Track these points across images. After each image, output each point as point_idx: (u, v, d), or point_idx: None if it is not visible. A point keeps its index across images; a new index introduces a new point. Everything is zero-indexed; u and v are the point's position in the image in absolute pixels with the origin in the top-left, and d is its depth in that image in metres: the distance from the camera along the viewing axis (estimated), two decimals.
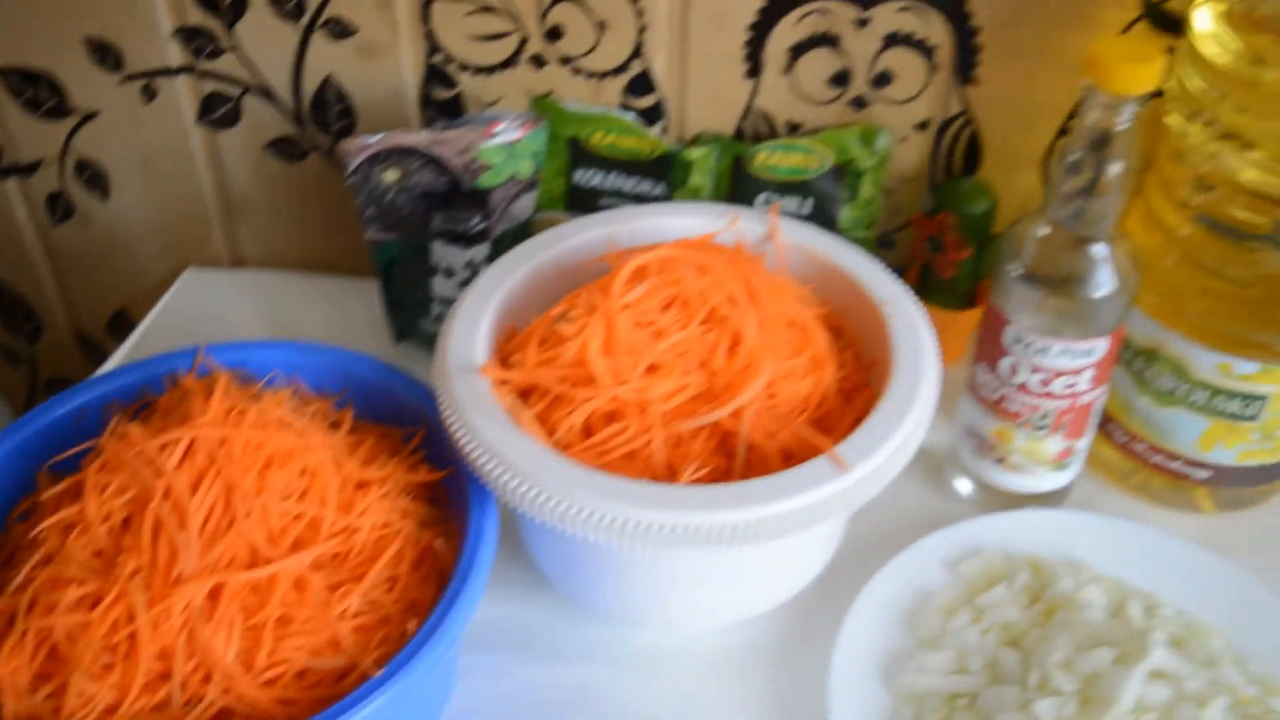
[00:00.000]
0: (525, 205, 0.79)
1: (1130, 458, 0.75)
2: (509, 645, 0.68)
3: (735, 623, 0.68)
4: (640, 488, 0.57)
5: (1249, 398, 0.69)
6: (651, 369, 0.62)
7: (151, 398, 0.67)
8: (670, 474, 0.61)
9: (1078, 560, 0.70)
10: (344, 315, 0.88)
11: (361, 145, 0.74)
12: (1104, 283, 0.64)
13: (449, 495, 0.65)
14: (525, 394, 0.64)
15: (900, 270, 0.84)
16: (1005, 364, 0.68)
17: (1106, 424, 0.75)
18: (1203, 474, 0.73)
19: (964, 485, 0.75)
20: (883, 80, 0.76)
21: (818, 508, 0.57)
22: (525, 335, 0.65)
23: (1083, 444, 0.72)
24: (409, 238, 0.78)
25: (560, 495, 0.56)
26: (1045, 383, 0.67)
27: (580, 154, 0.81)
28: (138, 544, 0.56)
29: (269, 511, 0.58)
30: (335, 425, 0.67)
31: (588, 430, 0.62)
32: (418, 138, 0.74)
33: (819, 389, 0.64)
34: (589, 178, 0.81)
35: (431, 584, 0.61)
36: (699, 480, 0.60)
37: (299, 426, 0.62)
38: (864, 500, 0.59)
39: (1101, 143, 0.61)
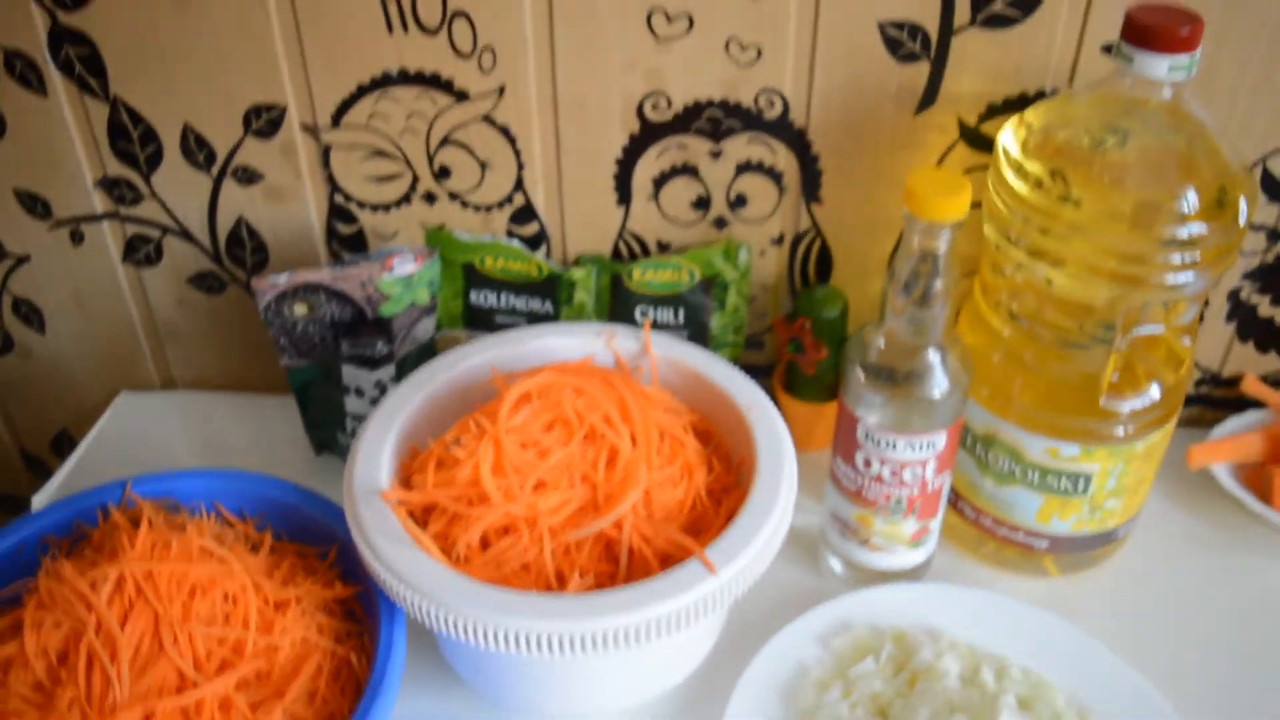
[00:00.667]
0: (426, 327, 0.82)
1: (980, 530, 0.79)
2: None
3: (631, 708, 0.71)
4: (530, 600, 0.60)
5: (1076, 476, 0.73)
6: (539, 485, 0.65)
7: (85, 529, 0.70)
8: (560, 581, 0.64)
9: (937, 629, 0.74)
10: (269, 431, 0.90)
11: (271, 284, 0.77)
12: (939, 383, 0.69)
13: (363, 608, 0.68)
14: (427, 511, 0.67)
15: (769, 369, 0.89)
16: (859, 457, 0.72)
17: (957, 502, 0.80)
18: (1043, 543, 0.77)
19: (835, 563, 0.79)
20: (739, 202, 0.81)
21: (691, 608, 0.60)
22: (424, 458, 0.68)
23: (935, 523, 0.76)
24: (321, 362, 0.81)
25: (459, 611, 0.59)
26: (895, 473, 0.72)
27: (475, 277, 0.84)
28: (74, 677, 0.59)
29: (195, 638, 0.61)
30: (255, 548, 0.70)
31: (485, 544, 0.65)
32: (322, 274, 0.77)
33: (691, 493, 0.67)
34: (484, 298, 0.85)
35: (349, 695, 0.64)
36: (586, 587, 0.63)
37: (220, 554, 0.65)
38: (733, 598, 0.62)
39: (924, 262, 0.66)
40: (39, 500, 0.86)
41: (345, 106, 0.79)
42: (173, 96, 0.79)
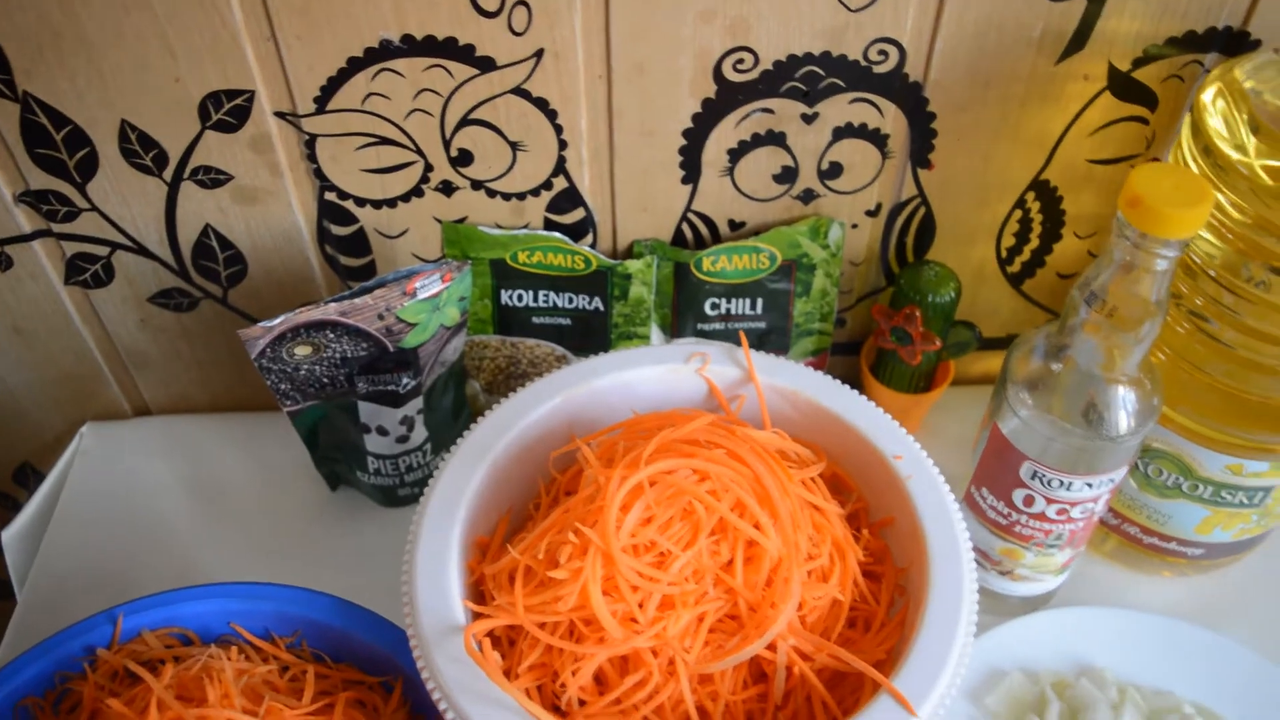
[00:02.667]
0: (456, 346, 0.59)
1: (1126, 540, 0.60)
2: None
3: None
4: None
5: (1255, 490, 0.54)
6: (664, 604, 0.44)
7: (70, 683, 0.47)
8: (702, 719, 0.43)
9: (1093, 668, 0.56)
10: (265, 456, 0.67)
11: (264, 329, 0.52)
12: (1130, 418, 0.48)
13: None
14: (513, 629, 0.45)
15: (852, 347, 0.67)
16: (1019, 495, 0.52)
17: None
18: (1198, 551, 0.59)
19: None
20: (833, 172, 0.58)
21: None
22: (503, 569, 0.46)
23: (1084, 547, 0.56)
24: (331, 399, 0.57)
25: None
26: (1062, 512, 0.52)
27: (507, 274, 0.60)
28: None
29: None
30: (294, 682, 0.47)
31: (600, 683, 0.44)
32: (327, 311, 0.52)
33: (847, 585, 0.46)
34: (518, 297, 0.61)
35: None
36: None
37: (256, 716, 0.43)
38: None
39: (1134, 281, 0.44)
40: (9, 537, 0.63)
41: (333, 87, 0.53)
42: (102, 89, 0.52)
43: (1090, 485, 0.50)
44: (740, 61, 0.53)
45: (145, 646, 0.48)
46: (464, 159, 0.56)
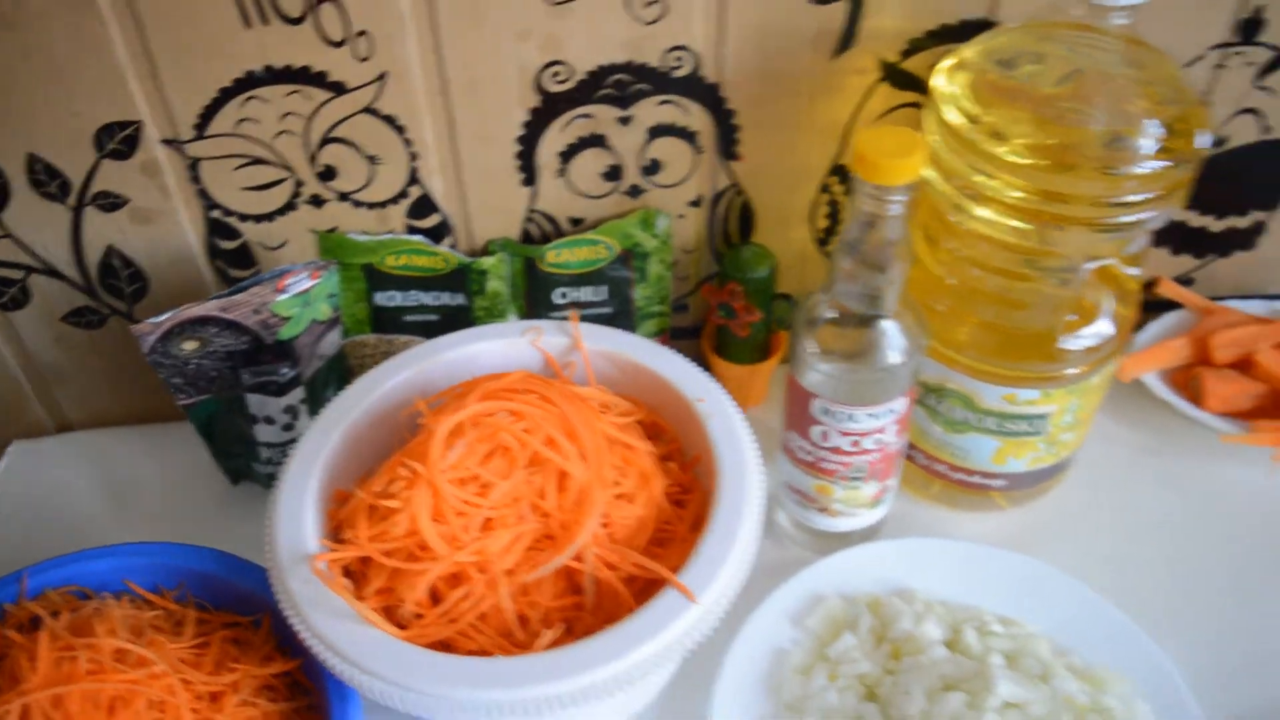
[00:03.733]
0: (332, 341, 0.67)
1: (930, 474, 0.68)
2: None
3: None
4: (494, 666, 0.47)
5: (1034, 418, 0.62)
6: (485, 525, 0.51)
7: None
8: (524, 624, 0.50)
9: (908, 590, 0.63)
10: (178, 462, 0.74)
11: (152, 325, 0.60)
12: (896, 350, 0.56)
13: (309, 677, 0.54)
14: (365, 564, 0.52)
15: (695, 330, 0.76)
16: (816, 431, 0.60)
17: (911, 451, 0.68)
18: (999, 483, 0.66)
19: (791, 529, 0.67)
20: (653, 168, 0.66)
21: (674, 644, 0.48)
22: (353, 509, 0.53)
23: (894, 481, 0.64)
24: (222, 394, 0.65)
25: (409, 686, 0.46)
26: (855, 443, 0.59)
27: (377, 277, 0.68)
28: None
29: None
30: (179, 625, 0.55)
31: (435, 597, 0.51)
32: (208, 307, 0.61)
33: (652, 506, 0.54)
34: (390, 298, 0.69)
35: None
36: (554, 634, 0.50)
37: (139, 652, 0.50)
38: (715, 622, 0.49)
39: (876, 227, 0.52)
40: None
41: (208, 114, 0.62)
42: (11, 125, 0.61)
43: (873, 416, 0.58)
44: (557, 74, 0.62)
45: (48, 602, 0.55)
46: (329, 174, 0.65)
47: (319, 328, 0.65)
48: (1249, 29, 0.65)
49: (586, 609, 0.52)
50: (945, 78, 0.57)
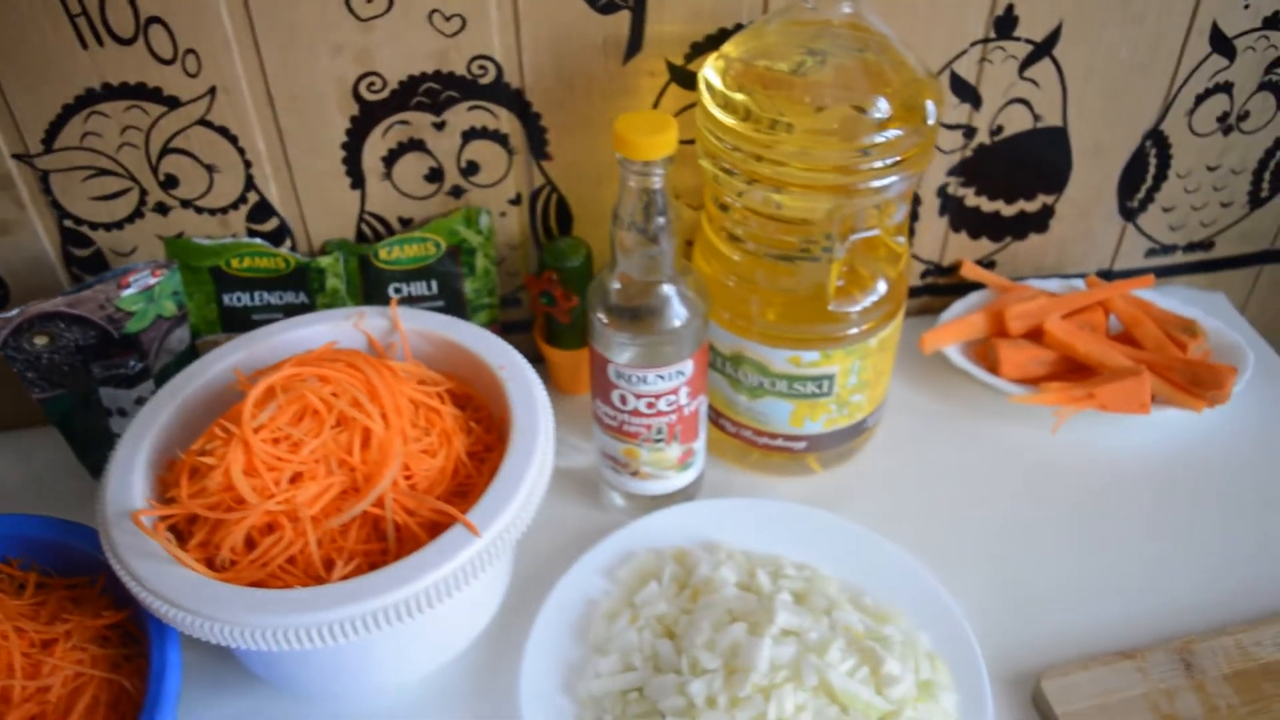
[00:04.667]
0: (181, 337, 0.73)
1: (743, 442, 0.74)
2: None
3: (432, 671, 0.64)
4: (286, 595, 0.52)
5: (820, 379, 0.69)
6: (295, 478, 0.57)
7: None
8: (329, 569, 0.56)
9: (714, 543, 0.69)
10: (42, 464, 0.79)
11: (3, 320, 0.66)
12: (678, 313, 0.63)
13: (140, 628, 0.59)
14: (191, 524, 0.58)
15: (529, 324, 0.82)
16: (615, 396, 0.66)
17: (718, 419, 0.74)
18: (801, 444, 0.73)
19: (614, 497, 0.73)
20: (472, 169, 0.73)
21: (458, 573, 0.54)
22: (177, 470, 0.59)
23: (699, 443, 0.70)
24: (76, 389, 0.70)
25: (217, 618, 0.51)
26: (650, 405, 0.66)
27: (224, 279, 0.74)
28: None
29: None
30: (21, 588, 0.60)
31: (251, 547, 0.57)
32: (55, 303, 0.66)
33: (452, 460, 0.60)
34: (237, 299, 0.75)
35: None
36: (354, 570, 0.56)
37: None
38: (501, 554, 0.55)
39: (643, 200, 0.59)
40: None
41: (54, 129, 0.68)
42: None
43: (663, 378, 0.64)
44: (372, 84, 0.69)
45: None
46: (171, 183, 0.71)
47: (165, 324, 0.70)
48: (1004, 25, 0.73)
49: (390, 552, 0.57)
50: (709, 69, 0.64)
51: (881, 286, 0.67)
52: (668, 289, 0.63)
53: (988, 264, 0.87)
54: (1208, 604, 0.67)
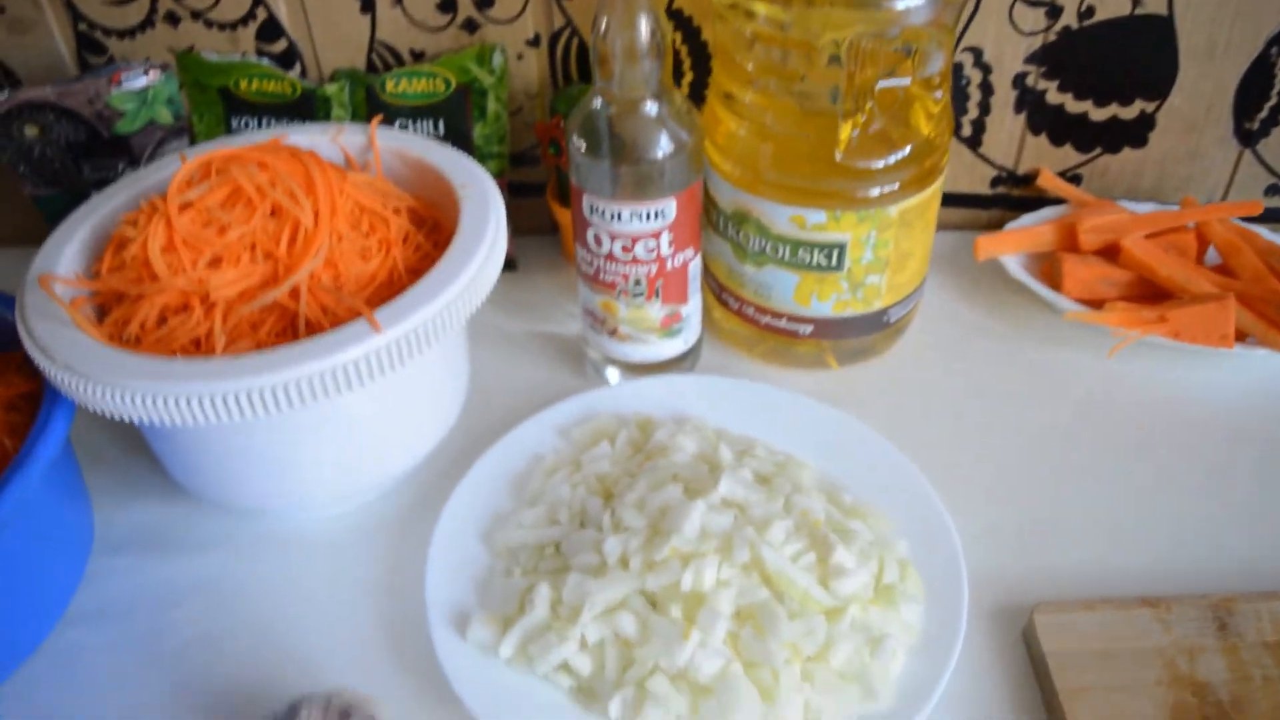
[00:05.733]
0: (178, 149, 0.71)
1: (746, 322, 0.67)
2: (141, 547, 0.60)
3: (359, 503, 0.60)
4: (163, 364, 0.49)
5: (827, 247, 0.62)
6: (215, 261, 0.54)
7: None
8: None
9: (686, 416, 0.63)
10: None
11: None
12: (659, 143, 0.57)
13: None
14: (116, 300, 0.56)
15: (544, 183, 0.77)
16: (590, 236, 0.61)
17: (722, 294, 0.68)
18: (806, 328, 0.66)
19: (597, 364, 0.68)
20: (487, 1, 0.69)
21: (355, 365, 0.49)
22: (106, 245, 0.57)
23: (688, 309, 0.64)
24: (69, 189, 0.70)
25: (100, 379, 0.48)
26: (627, 249, 0.60)
27: (233, 102, 0.73)
28: None
29: None
30: None
31: (162, 323, 0.54)
32: (44, 91, 0.66)
33: (386, 267, 0.56)
34: (244, 123, 0.73)
35: None
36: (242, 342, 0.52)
37: None
38: (399, 357, 0.50)
39: (625, 12, 0.54)
40: None
41: None
42: None
43: (639, 216, 0.59)
44: None
45: None
46: None
47: (159, 131, 0.69)
48: None
49: None
50: None
51: (907, 148, 0.60)
52: (649, 110, 0.57)
53: (1071, 178, 0.77)
54: (1259, 572, 0.56)
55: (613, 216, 0.59)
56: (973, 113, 0.74)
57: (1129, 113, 0.74)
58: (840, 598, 0.51)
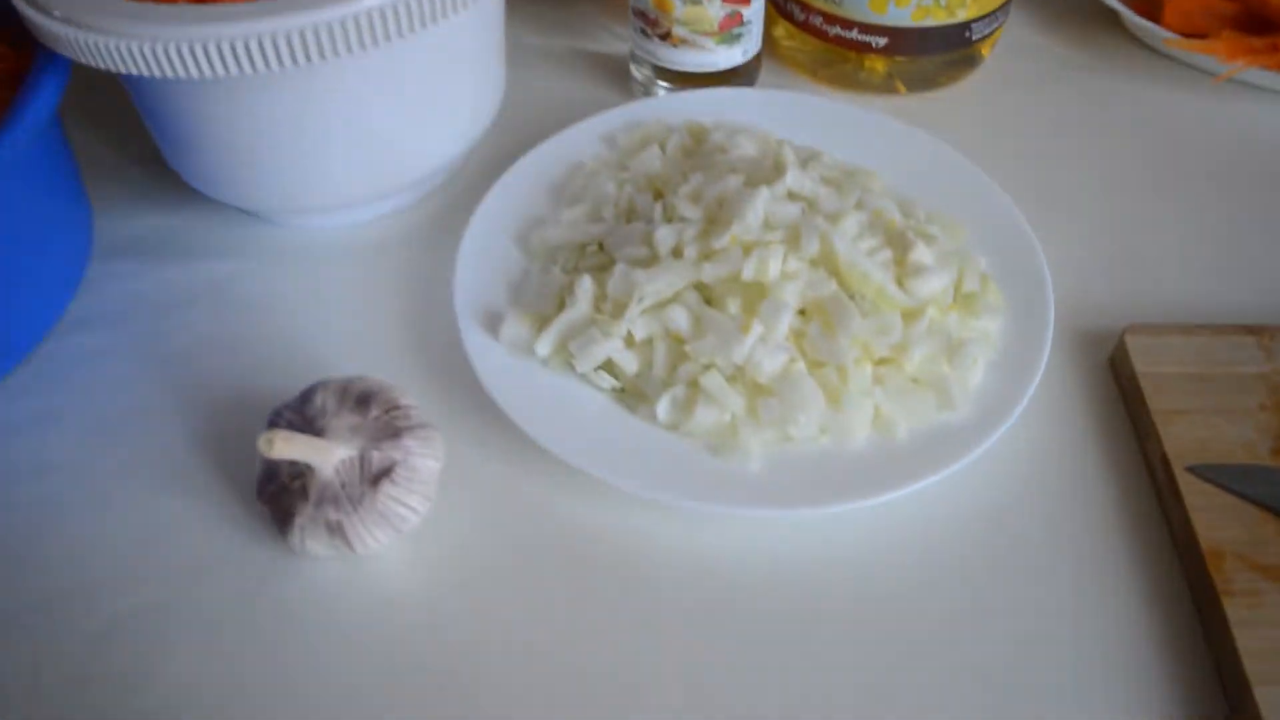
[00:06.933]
0: None
1: (813, 38, 0.61)
2: (145, 251, 0.55)
3: (375, 209, 0.55)
4: (180, 9, 0.43)
5: None
6: None
7: None
8: None
9: (744, 126, 0.57)
10: None
11: None
12: None
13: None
14: None
15: None
16: None
17: (788, 2, 0.61)
18: (881, 40, 0.59)
19: (640, 73, 0.61)
20: None
21: (376, 13, 0.43)
22: None
23: (751, 11, 0.58)
24: None
25: (102, 30, 0.43)
26: None
27: None
28: None
29: None
30: None
31: None
32: None
33: None
34: None
35: None
36: None
37: None
38: (419, 19, 0.44)
39: None
40: None
41: None
42: None
43: None
44: None
45: None
46: None
47: None
48: None
49: None
50: None
51: None
52: None
53: None
54: None
55: None
56: None
57: None
58: (918, 298, 0.46)
